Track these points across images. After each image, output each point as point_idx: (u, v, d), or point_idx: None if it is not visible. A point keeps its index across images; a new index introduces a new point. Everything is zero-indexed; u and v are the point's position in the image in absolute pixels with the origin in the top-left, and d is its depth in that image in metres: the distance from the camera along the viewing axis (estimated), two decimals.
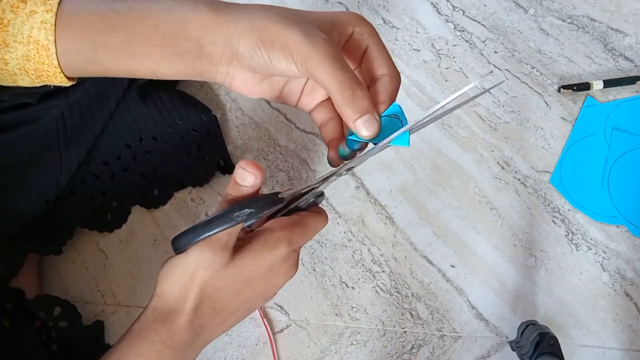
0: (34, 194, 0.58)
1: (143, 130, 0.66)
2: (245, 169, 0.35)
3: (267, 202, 0.36)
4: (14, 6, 0.34)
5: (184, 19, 0.35)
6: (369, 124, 0.33)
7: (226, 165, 0.70)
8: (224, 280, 0.36)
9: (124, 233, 0.68)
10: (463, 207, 0.68)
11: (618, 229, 0.66)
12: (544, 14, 0.78)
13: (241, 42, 0.34)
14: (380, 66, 0.37)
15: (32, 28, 0.34)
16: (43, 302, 0.60)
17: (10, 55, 0.35)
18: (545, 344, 0.52)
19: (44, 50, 0.35)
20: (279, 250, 0.37)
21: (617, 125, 0.71)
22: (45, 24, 0.34)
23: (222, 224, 0.34)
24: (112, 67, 0.36)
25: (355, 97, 0.33)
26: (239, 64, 0.35)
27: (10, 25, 0.34)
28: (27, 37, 0.34)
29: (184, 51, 0.35)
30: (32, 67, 0.36)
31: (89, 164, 0.64)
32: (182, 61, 0.35)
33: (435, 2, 0.79)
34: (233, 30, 0.34)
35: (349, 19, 0.36)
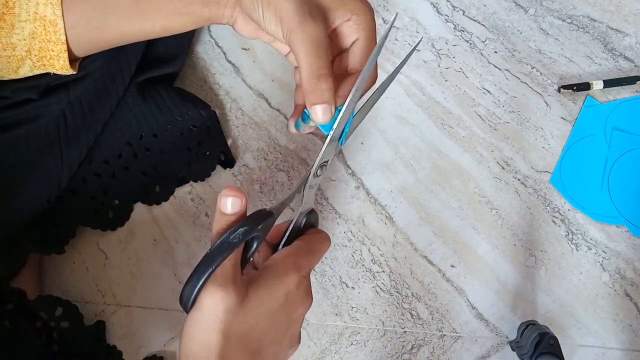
0: (35, 194, 0.58)
1: (143, 127, 0.66)
2: (227, 196, 0.35)
3: (257, 217, 0.35)
4: None
5: None
6: (322, 112, 0.35)
7: (226, 160, 0.70)
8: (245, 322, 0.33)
9: (124, 233, 0.68)
10: (463, 207, 0.68)
11: (618, 229, 0.66)
12: (544, 14, 0.78)
13: None
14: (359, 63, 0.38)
15: (38, 4, 0.34)
16: (45, 303, 0.60)
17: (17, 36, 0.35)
18: (545, 344, 0.52)
19: (51, 26, 0.35)
20: (290, 278, 0.36)
21: (617, 125, 0.71)
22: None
23: (223, 252, 0.33)
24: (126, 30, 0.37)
25: (318, 86, 0.34)
26: (241, 9, 0.37)
27: (16, 7, 0.34)
28: (33, 14, 0.34)
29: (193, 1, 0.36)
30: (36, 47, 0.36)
31: (90, 163, 0.64)
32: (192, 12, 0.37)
33: (435, 2, 0.79)
34: None
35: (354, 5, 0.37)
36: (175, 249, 0.67)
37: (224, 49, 0.77)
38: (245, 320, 0.33)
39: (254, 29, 0.39)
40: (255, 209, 0.66)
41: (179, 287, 0.65)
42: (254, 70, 0.75)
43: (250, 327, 0.34)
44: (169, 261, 0.67)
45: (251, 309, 0.34)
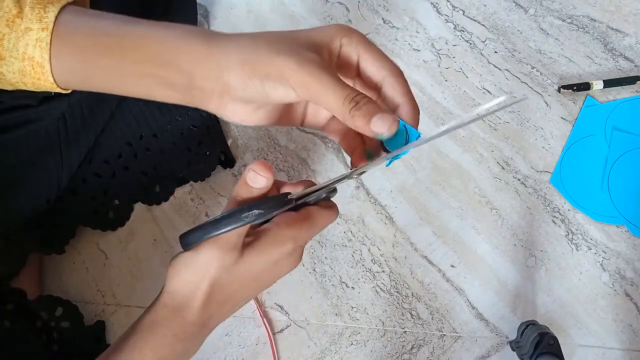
0: (35, 194, 0.58)
1: (143, 127, 0.66)
2: (257, 172, 0.35)
3: (276, 203, 0.36)
4: (9, 20, 0.34)
5: (176, 51, 0.35)
6: (382, 121, 0.33)
7: (226, 160, 0.70)
8: (232, 277, 0.37)
9: (124, 233, 0.68)
10: (463, 207, 0.68)
11: (618, 229, 0.66)
12: (544, 14, 0.78)
13: (232, 75, 0.34)
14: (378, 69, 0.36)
15: (27, 45, 0.34)
16: (45, 303, 0.60)
17: (7, 68, 0.35)
18: (545, 344, 0.52)
19: (39, 67, 0.35)
20: (286, 247, 0.37)
21: (617, 125, 0.71)
22: (41, 42, 0.34)
23: (231, 223, 0.35)
24: (107, 88, 0.37)
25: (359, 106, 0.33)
26: (230, 96, 0.35)
27: (5, 39, 0.34)
28: (22, 53, 0.35)
29: (175, 82, 0.35)
30: (29, 81, 0.36)
31: (90, 163, 0.64)
32: (174, 90, 0.36)
33: (435, 2, 0.79)
34: (225, 63, 0.34)
35: (334, 32, 0.36)
36: (175, 249, 0.67)
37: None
38: (232, 275, 0.37)
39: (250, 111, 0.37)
40: None
41: None
42: None
43: (235, 280, 0.37)
44: (168, 261, 0.67)
45: (241, 269, 0.37)
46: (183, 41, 0.35)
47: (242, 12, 0.80)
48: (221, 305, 0.38)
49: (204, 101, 0.36)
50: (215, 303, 0.37)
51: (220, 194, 0.70)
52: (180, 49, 0.34)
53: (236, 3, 0.80)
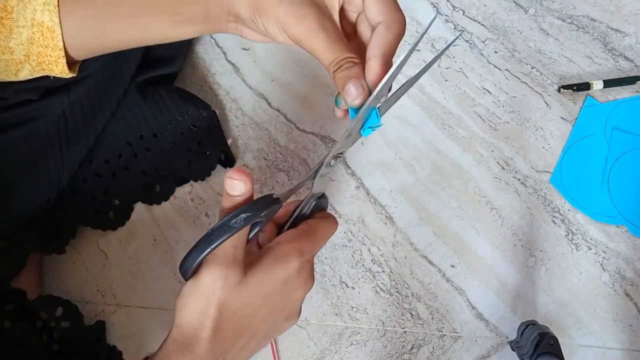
0: (35, 193, 0.58)
1: (143, 127, 0.66)
2: (233, 178, 0.35)
3: (262, 204, 0.36)
4: None
5: None
6: (353, 89, 0.33)
7: (227, 159, 0.70)
8: (240, 300, 0.35)
9: (124, 233, 0.68)
10: (463, 207, 0.68)
11: (618, 229, 0.66)
12: (544, 14, 0.78)
13: (242, 9, 0.35)
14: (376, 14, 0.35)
15: (35, 10, 0.34)
16: (45, 303, 0.60)
17: (15, 41, 0.35)
18: (545, 344, 0.52)
19: (48, 32, 0.35)
20: (291, 263, 0.36)
21: (617, 125, 0.71)
22: (48, 6, 0.34)
23: (222, 234, 0.34)
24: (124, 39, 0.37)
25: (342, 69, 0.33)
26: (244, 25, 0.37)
27: (14, 12, 0.34)
28: (30, 20, 0.34)
29: (192, 15, 0.36)
30: (34, 52, 0.35)
31: (90, 163, 0.64)
32: (192, 24, 0.36)
33: (435, 2, 0.79)
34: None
35: None
36: (175, 249, 0.67)
37: (224, 49, 0.77)
38: (240, 298, 0.35)
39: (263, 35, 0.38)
40: None
41: (179, 287, 0.65)
42: (254, 70, 0.75)
43: (245, 304, 0.35)
44: (169, 261, 0.67)
45: (247, 289, 0.35)
46: None
47: None
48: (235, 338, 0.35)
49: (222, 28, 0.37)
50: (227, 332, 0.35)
51: (220, 194, 0.70)
52: None
53: None
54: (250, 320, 0.36)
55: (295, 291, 0.37)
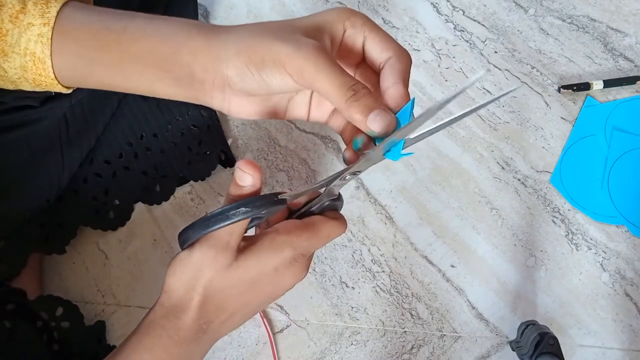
0: (36, 193, 0.58)
1: (144, 127, 0.67)
2: (243, 170, 0.35)
3: (263, 202, 0.36)
4: (12, 16, 0.34)
5: (177, 45, 0.34)
6: (379, 119, 0.31)
7: (227, 159, 0.70)
8: (227, 281, 0.36)
9: (124, 233, 0.68)
10: (463, 207, 0.68)
11: (618, 229, 0.66)
12: (544, 14, 0.78)
13: (230, 67, 0.33)
14: (383, 50, 0.35)
15: (29, 40, 0.34)
16: (45, 303, 0.60)
17: (9, 64, 0.35)
18: (545, 344, 0.52)
19: (40, 63, 0.35)
20: (284, 254, 0.36)
21: (617, 125, 0.71)
22: (42, 38, 0.34)
23: (218, 222, 0.35)
24: (108, 84, 0.36)
25: (358, 97, 0.31)
26: (232, 89, 0.34)
27: (8, 35, 0.34)
28: (24, 49, 0.35)
29: (177, 76, 0.35)
30: (30, 77, 0.36)
31: (91, 163, 0.64)
32: (177, 85, 0.35)
33: (435, 2, 0.79)
34: (223, 53, 0.33)
35: (337, 17, 0.34)
36: (175, 249, 0.67)
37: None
38: (227, 279, 0.36)
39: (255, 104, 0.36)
40: None
41: None
42: None
43: (231, 285, 0.36)
44: (168, 261, 0.67)
45: (235, 274, 0.36)
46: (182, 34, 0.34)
47: (242, 12, 0.80)
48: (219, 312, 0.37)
49: (207, 96, 0.35)
50: (211, 307, 0.36)
51: (220, 194, 0.70)
52: (179, 42, 0.34)
53: (236, 3, 0.80)
54: (236, 299, 0.37)
55: (284, 279, 0.38)
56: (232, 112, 0.36)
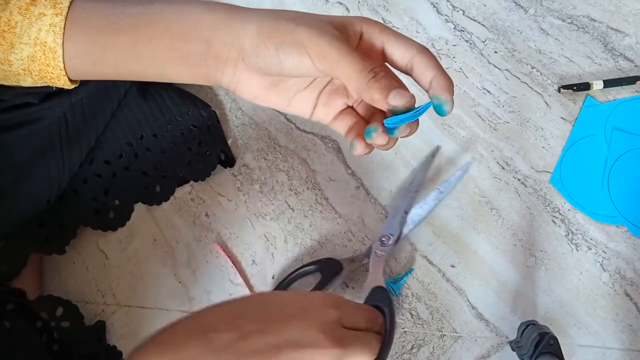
0: (36, 193, 0.58)
1: (144, 127, 0.67)
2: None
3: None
4: (22, 8, 0.35)
5: (197, 19, 0.35)
6: (399, 96, 0.32)
7: (227, 159, 0.70)
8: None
9: (124, 233, 0.68)
10: (463, 207, 0.68)
11: (618, 229, 0.66)
12: (544, 14, 0.78)
13: (248, 39, 0.34)
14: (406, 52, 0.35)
15: (40, 30, 0.35)
16: (45, 303, 0.60)
17: (16, 56, 0.35)
18: (545, 344, 0.52)
19: (50, 53, 0.35)
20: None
21: (617, 125, 0.71)
22: (54, 27, 0.35)
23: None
24: (120, 69, 0.37)
25: (377, 78, 0.32)
26: (244, 64, 0.35)
27: (17, 27, 0.35)
28: (34, 38, 0.35)
29: (190, 53, 0.35)
30: (36, 68, 0.36)
31: (90, 163, 0.64)
32: (188, 64, 0.35)
33: (435, 2, 0.79)
34: (242, 29, 0.34)
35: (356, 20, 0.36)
36: (175, 249, 0.67)
37: None
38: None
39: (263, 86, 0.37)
40: (255, 209, 0.66)
41: (179, 287, 0.66)
42: None
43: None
44: (169, 261, 0.67)
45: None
46: (204, 10, 0.35)
47: None
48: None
49: (218, 73, 0.36)
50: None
51: (220, 194, 0.70)
52: (201, 16, 0.35)
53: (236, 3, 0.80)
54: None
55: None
56: (238, 90, 0.37)
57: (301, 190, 0.70)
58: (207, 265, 0.67)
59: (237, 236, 0.68)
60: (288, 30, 0.33)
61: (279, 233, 0.68)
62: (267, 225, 0.68)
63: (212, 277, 0.66)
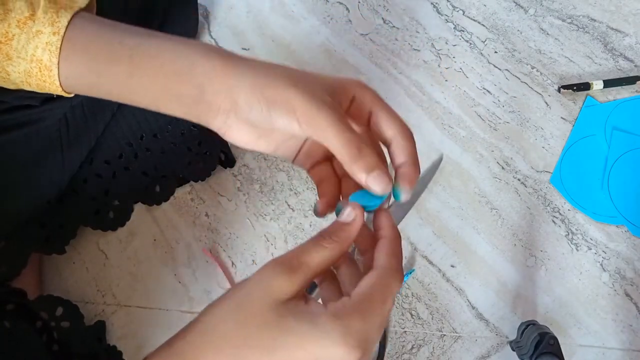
0: (36, 194, 0.58)
1: (144, 128, 0.67)
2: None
3: None
4: (20, 22, 0.35)
5: (192, 63, 0.35)
6: (379, 179, 0.33)
7: (227, 159, 0.70)
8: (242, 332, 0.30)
9: (124, 233, 0.68)
10: (463, 207, 0.68)
11: (618, 229, 0.66)
12: (544, 14, 0.78)
13: (241, 94, 0.34)
14: (389, 127, 0.36)
15: (37, 48, 0.35)
16: (45, 303, 0.60)
17: (13, 68, 0.35)
18: (545, 344, 0.52)
19: (46, 70, 0.35)
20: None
21: (617, 125, 0.71)
22: (51, 46, 0.35)
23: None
24: (114, 95, 0.37)
25: (362, 155, 0.33)
26: (236, 116, 0.35)
27: (14, 40, 0.35)
28: (30, 55, 0.35)
29: (183, 94, 0.35)
30: (33, 82, 0.36)
31: (91, 163, 0.64)
32: (180, 103, 0.35)
33: (435, 2, 0.79)
34: (237, 81, 0.34)
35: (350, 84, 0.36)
36: (175, 249, 0.67)
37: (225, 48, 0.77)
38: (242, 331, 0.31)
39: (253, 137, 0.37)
40: (255, 209, 0.66)
41: (179, 287, 0.66)
42: None
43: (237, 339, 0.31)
44: (169, 261, 0.67)
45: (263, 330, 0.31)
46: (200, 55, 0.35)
47: (242, 12, 0.80)
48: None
49: (209, 117, 0.36)
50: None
51: (220, 194, 0.70)
52: (196, 62, 0.35)
53: (236, 3, 0.80)
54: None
55: None
56: (228, 135, 0.37)
57: (301, 190, 0.70)
58: (207, 265, 0.67)
59: (237, 236, 0.68)
60: (280, 89, 0.33)
61: (279, 233, 0.68)
62: (267, 225, 0.68)
63: (212, 277, 0.66)
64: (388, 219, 0.36)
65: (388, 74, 0.75)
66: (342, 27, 0.78)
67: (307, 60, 0.76)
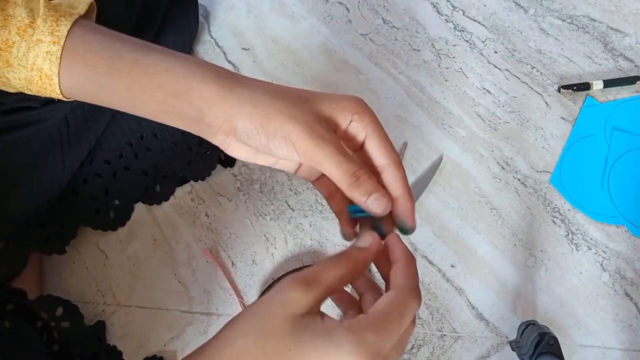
0: (36, 194, 0.58)
1: (144, 127, 0.67)
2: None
3: None
4: (20, 29, 0.35)
5: (189, 87, 0.35)
6: (378, 202, 0.35)
7: (227, 159, 0.70)
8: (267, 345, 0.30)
9: (124, 233, 0.68)
10: (463, 207, 0.68)
11: (618, 229, 0.66)
12: (544, 14, 0.78)
13: (240, 122, 0.35)
14: (381, 156, 0.37)
15: (37, 56, 0.35)
16: (45, 303, 0.60)
17: (13, 75, 0.36)
18: (545, 344, 0.52)
19: (46, 79, 0.35)
20: None
21: (617, 125, 0.71)
22: (51, 56, 0.35)
23: None
24: (115, 106, 0.37)
25: (360, 182, 0.34)
26: (235, 138, 0.36)
27: (14, 47, 0.35)
28: (31, 63, 0.35)
29: (182, 113, 0.36)
30: (34, 89, 0.36)
31: (91, 163, 0.64)
32: (181, 120, 0.36)
33: (435, 2, 0.79)
34: (236, 110, 0.35)
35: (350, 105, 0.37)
36: (175, 249, 0.67)
37: (224, 49, 0.77)
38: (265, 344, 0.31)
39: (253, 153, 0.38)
40: (255, 209, 0.66)
41: (179, 287, 0.66)
42: (254, 70, 0.75)
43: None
44: (169, 261, 0.67)
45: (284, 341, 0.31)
46: (196, 78, 0.35)
47: (242, 12, 0.80)
48: None
49: (209, 135, 0.37)
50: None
51: (220, 194, 0.70)
52: (194, 87, 0.35)
53: (236, 3, 0.80)
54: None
55: None
56: (228, 151, 0.38)
57: (301, 190, 0.70)
58: (207, 265, 0.67)
59: (237, 236, 0.68)
60: (279, 123, 0.34)
61: (279, 233, 0.68)
62: (267, 225, 0.68)
63: (212, 277, 0.66)
64: (399, 242, 0.37)
65: (388, 74, 0.75)
66: (342, 27, 0.78)
67: (307, 60, 0.76)
